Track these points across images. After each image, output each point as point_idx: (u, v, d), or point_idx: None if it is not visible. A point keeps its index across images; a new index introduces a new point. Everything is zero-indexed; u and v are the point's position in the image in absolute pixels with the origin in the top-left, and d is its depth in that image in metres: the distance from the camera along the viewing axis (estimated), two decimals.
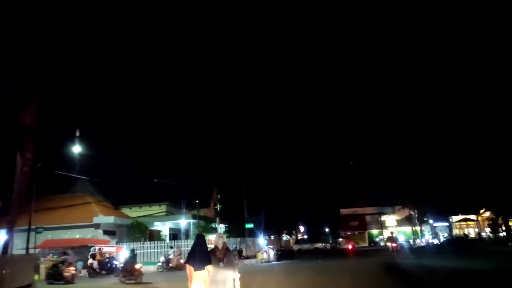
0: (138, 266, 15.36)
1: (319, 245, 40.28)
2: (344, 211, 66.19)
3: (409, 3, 47.43)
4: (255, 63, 75.76)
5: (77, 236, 24.27)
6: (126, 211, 32.08)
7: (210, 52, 74.05)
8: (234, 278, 5.39)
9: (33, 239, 19.09)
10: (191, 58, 73.80)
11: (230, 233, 32.86)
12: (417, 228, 53.67)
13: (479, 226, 52.75)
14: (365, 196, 70.50)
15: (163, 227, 31.18)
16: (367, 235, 62.39)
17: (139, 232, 25.66)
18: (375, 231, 63.07)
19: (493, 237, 45.66)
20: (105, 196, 31.88)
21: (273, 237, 45.76)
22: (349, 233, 64.68)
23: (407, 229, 58.88)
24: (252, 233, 33.62)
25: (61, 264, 16.15)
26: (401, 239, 49.70)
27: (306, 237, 52.33)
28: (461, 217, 53.85)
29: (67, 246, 20.92)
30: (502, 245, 27.60)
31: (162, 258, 21.20)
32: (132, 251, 17.13)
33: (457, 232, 56.29)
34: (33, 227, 18.70)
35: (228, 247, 6.06)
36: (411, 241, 47.98)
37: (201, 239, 5.73)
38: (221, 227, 32.92)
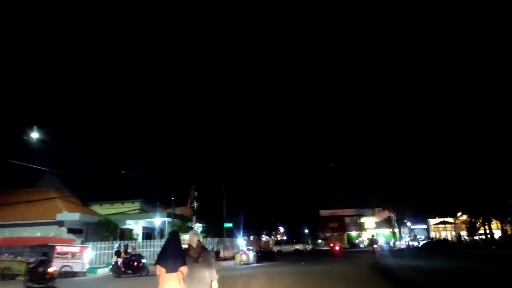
0: (52, 269, 13.16)
1: (299, 246, 38.79)
2: (324, 212, 65.45)
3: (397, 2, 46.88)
4: (239, 62, 74.06)
5: (38, 234, 21.81)
6: (96, 208, 29.65)
7: (191, 48, 71.87)
8: (212, 280, 4.81)
9: None
10: (172, 54, 71.35)
11: (208, 233, 31.08)
12: (395, 230, 53.29)
13: (456, 229, 52.67)
14: (344, 197, 70.05)
15: (136, 225, 28.96)
16: (346, 236, 61.71)
17: (108, 230, 23.42)
18: (354, 233, 62.43)
19: (469, 240, 45.82)
20: (74, 191, 29.35)
21: (252, 237, 44.09)
22: (328, 234, 63.96)
23: (385, 231, 58.48)
24: (231, 234, 31.88)
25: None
26: (381, 241, 49.26)
27: (285, 238, 50.92)
28: (438, 220, 53.68)
29: (25, 245, 18.70)
30: (485, 248, 26.78)
31: (115, 259, 19.21)
32: (45, 253, 14.44)
33: (434, 234, 56.19)
34: None
35: (204, 246, 5.37)
36: (391, 243, 47.29)
37: (175, 236, 5.08)
38: (198, 226, 30.97)
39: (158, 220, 28.69)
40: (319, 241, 64.40)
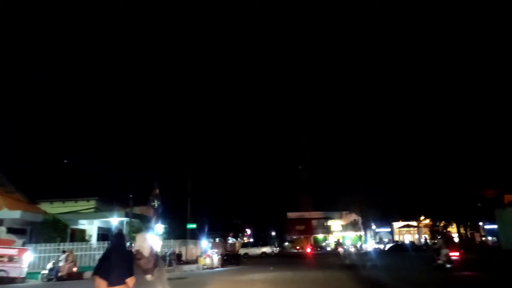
0: None
1: (266, 249, 37.14)
2: (291, 215, 64.47)
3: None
4: (207, 58, 71.96)
5: None
6: (46, 206, 26.51)
7: (155, 44, 68.95)
8: None
9: None
10: (136, 47, 68.05)
11: (170, 234, 28.96)
12: (361, 233, 53.17)
13: (419, 232, 53.12)
14: (312, 200, 69.55)
15: (91, 226, 26.23)
16: (312, 239, 60.96)
17: (56, 231, 20.69)
18: (320, 236, 61.82)
19: (430, 243, 46.16)
20: (20, 188, 26.10)
21: (218, 239, 42.05)
22: (295, 237, 63.00)
23: (351, 234, 58.27)
24: (195, 235, 29.78)
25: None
26: (348, 244, 48.79)
27: (252, 240, 49.18)
28: (402, 223, 53.99)
29: None
30: None
31: (50, 265, 16.85)
32: None
33: (397, 237, 56.53)
34: None
35: (157, 253, 4.60)
36: (358, 246, 46.80)
37: (120, 240, 4.22)
38: (158, 227, 28.68)
39: (116, 220, 26.06)
40: (286, 243, 63.23)
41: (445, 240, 15.34)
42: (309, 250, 42.21)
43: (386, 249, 39.54)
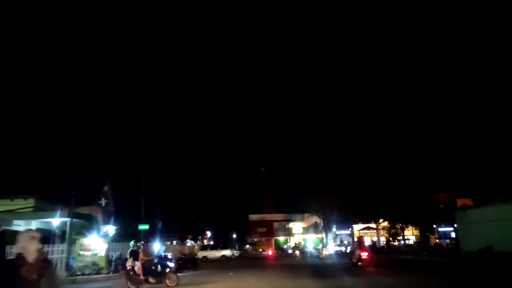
0: None
1: (226, 252, 35.03)
2: (253, 217, 63.02)
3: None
4: (163, 53, 68.98)
5: None
6: None
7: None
8: None
9: None
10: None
11: (123, 236, 26.25)
12: (322, 236, 52.68)
13: (378, 234, 53.55)
14: (274, 202, 68.51)
15: (28, 227, 22.94)
16: (274, 242, 59.72)
17: None
18: (282, 238, 60.75)
19: (390, 245, 46.62)
20: None
21: (176, 242, 39.43)
22: (256, 239, 61.53)
23: (312, 236, 57.68)
24: (151, 238, 27.25)
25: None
26: (310, 247, 48.03)
27: (212, 243, 46.84)
28: (362, 225, 54.13)
29: None
30: (416, 254, 25.80)
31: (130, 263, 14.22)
32: None
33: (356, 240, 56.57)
34: None
35: (47, 258, 3.44)
36: (319, 249, 45.97)
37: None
38: (109, 228, 25.91)
39: (57, 221, 23.00)
40: (247, 246, 61.45)
41: (358, 244, 18.71)
42: (270, 252, 41.95)
43: (348, 251, 38.82)
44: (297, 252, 32.86)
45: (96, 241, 16.81)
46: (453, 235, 50.27)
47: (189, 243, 42.39)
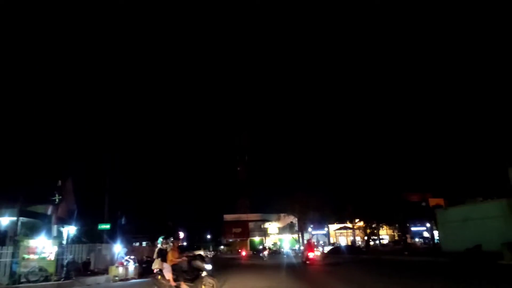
0: None
1: (199, 253, 32.69)
2: (228, 217, 61.05)
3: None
4: (132, 46, 65.98)
5: None
6: None
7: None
8: None
9: None
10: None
11: (88, 237, 23.73)
12: (297, 236, 51.52)
13: (354, 234, 52.82)
14: (249, 202, 66.86)
15: None
16: (249, 242, 57.88)
17: None
18: (257, 239, 59.01)
19: (364, 245, 45.90)
20: None
21: (145, 243, 36.80)
22: (231, 240, 59.54)
23: (288, 237, 56.37)
24: (116, 239, 24.73)
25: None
26: (286, 248, 46.77)
27: (186, 244, 44.19)
28: (338, 225, 53.39)
29: None
30: (397, 254, 24.57)
31: (157, 265, 11.53)
32: None
33: (333, 240, 55.74)
34: None
35: None
36: (296, 249, 44.64)
37: None
38: (69, 228, 23.26)
39: (6, 220, 20.23)
40: (222, 247, 59.24)
41: (307, 246, 20.88)
42: (244, 253, 41.94)
43: (326, 252, 37.58)
44: (265, 253, 34.59)
45: (44, 243, 14.32)
46: (425, 234, 50.37)
47: (159, 244, 39.73)
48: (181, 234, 47.28)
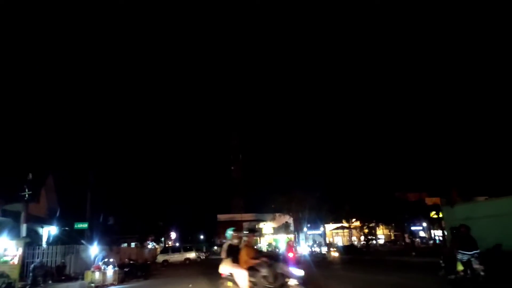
0: None
1: (191, 255, 30.49)
2: (222, 217, 59.13)
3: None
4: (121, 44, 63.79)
5: None
6: None
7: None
8: None
9: None
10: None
11: (70, 238, 21.57)
12: (293, 236, 49.90)
13: (350, 234, 51.42)
14: (244, 202, 65.11)
15: None
16: None
17: None
18: None
19: (363, 245, 44.51)
20: None
21: (134, 244, 34.59)
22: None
23: (283, 237, 54.59)
24: (98, 239, 22.54)
25: None
26: (282, 248, 44.88)
27: (178, 244, 41.97)
28: (334, 225, 51.97)
29: None
30: (404, 255, 22.73)
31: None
32: None
33: (329, 240, 54.19)
34: None
35: None
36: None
37: None
38: (50, 228, 21.10)
39: None
40: (215, 248, 57.15)
41: (288, 247, 20.04)
42: None
43: (322, 252, 35.77)
44: None
45: (6, 244, 12.18)
46: (422, 234, 49.20)
47: (150, 245, 37.48)
48: (173, 235, 44.89)
